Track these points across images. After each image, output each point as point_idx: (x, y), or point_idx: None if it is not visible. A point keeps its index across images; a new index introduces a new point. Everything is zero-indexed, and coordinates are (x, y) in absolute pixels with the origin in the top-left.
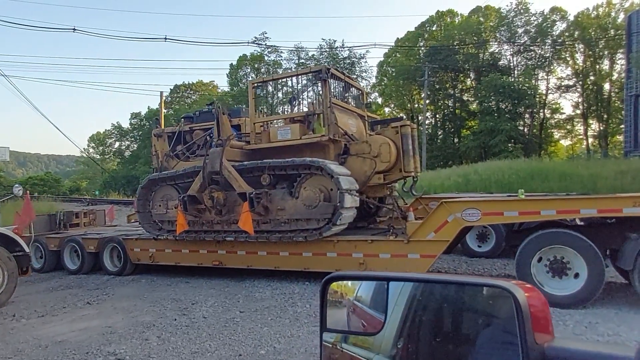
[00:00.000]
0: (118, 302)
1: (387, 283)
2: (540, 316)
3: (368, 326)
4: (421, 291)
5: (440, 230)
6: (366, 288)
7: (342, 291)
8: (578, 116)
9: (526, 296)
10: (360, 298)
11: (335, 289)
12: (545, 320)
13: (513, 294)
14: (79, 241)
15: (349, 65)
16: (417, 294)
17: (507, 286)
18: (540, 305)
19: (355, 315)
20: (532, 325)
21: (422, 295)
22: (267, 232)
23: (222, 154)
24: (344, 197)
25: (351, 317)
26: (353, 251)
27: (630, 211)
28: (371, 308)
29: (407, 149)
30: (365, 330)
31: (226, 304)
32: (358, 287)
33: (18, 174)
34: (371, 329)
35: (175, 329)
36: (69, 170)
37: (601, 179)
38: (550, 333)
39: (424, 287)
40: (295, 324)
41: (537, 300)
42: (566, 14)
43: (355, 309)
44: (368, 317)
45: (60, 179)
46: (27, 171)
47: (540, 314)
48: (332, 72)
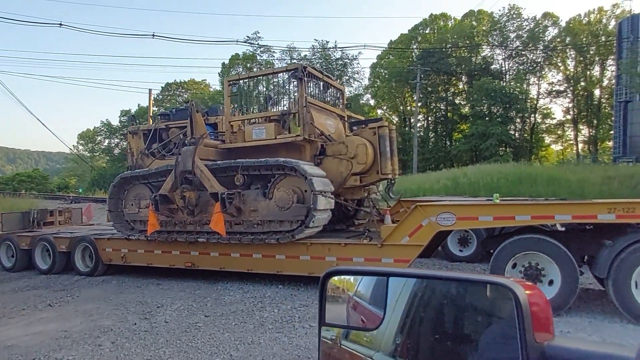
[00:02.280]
0: (81, 304)
1: (387, 278)
2: (540, 315)
3: (367, 321)
4: (421, 287)
5: (414, 234)
6: (366, 283)
7: (342, 286)
8: (568, 121)
9: (527, 294)
10: (360, 293)
11: (336, 284)
12: (546, 319)
13: (514, 292)
14: (50, 240)
15: (342, 66)
16: (417, 290)
17: (508, 284)
18: (541, 304)
19: (354, 311)
20: (533, 324)
21: (422, 292)
22: (239, 234)
23: (195, 153)
24: (317, 198)
25: (350, 312)
26: (326, 254)
27: (604, 217)
28: (371, 304)
29: (385, 150)
30: (364, 326)
31: (193, 308)
32: (358, 282)
33: (7, 170)
34: (370, 324)
35: (133, 334)
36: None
37: (589, 184)
38: (551, 332)
39: (424, 284)
40: (259, 329)
41: (538, 298)
42: (558, 19)
43: (354, 304)
44: (367, 312)
45: (48, 176)
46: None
47: (540, 312)
48: (309, 70)
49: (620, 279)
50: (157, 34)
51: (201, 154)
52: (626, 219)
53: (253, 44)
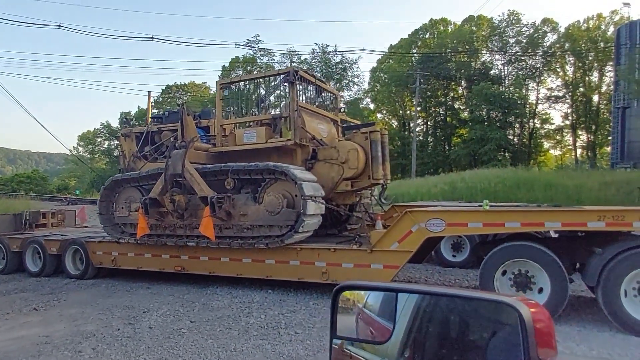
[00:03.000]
0: (67, 308)
1: (396, 294)
2: (544, 332)
3: (376, 334)
4: (429, 303)
5: (404, 240)
6: (374, 297)
7: (353, 299)
8: (567, 127)
9: (531, 312)
10: (368, 306)
11: (347, 297)
12: (549, 336)
13: (518, 310)
14: (41, 242)
15: (341, 70)
16: (425, 306)
17: (512, 302)
18: (544, 321)
19: (363, 323)
20: (536, 341)
21: (428, 307)
22: (229, 238)
23: (185, 156)
24: (307, 203)
25: (360, 324)
26: (316, 260)
27: (594, 225)
28: (379, 316)
29: (376, 155)
30: (373, 338)
31: (179, 313)
32: (367, 296)
33: (8, 171)
34: (379, 337)
35: (115, 340)
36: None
37: (586, 189)
38: (554, 348)
39: (430, 300)
40: (243, 336)
41: (542, 316)
42: (557, 25)
43: (363, 317)
44: (376, 325)
45: (48, 177)
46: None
47: (544, 329)
48: (300, 74)
49: (610, 288)
50: (156, 37)
51: (191, 158)
52: (616, 226)
53: (253, 47)
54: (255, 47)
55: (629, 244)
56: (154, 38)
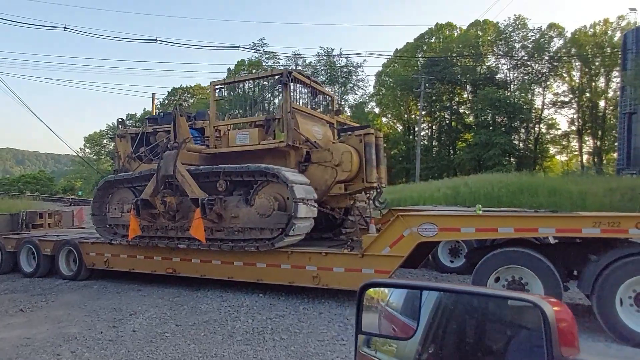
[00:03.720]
0: (54, 310)
1: (420, 292)
2: (566, 330)
3: (398, 331)
4: (451, 300)
5: (395, 244)
6: (397, 296)
7: (376, 297)
8: (573, 132)
9: (554, 310)
10: (391, 304)
11: (371, 295)
12: (572, 335)
13: (541, 308)
14: (35, 243)
15: (346, 74)
16: (447, 303)
17: (535, 300)
18: (567, 320)
19: (386, 320)
20: (559, 339)
21: (452, 305)
22: (220, 241)
23: (177, 157)
24: (298, 206)
25: (382, 322)
26: (307, 264)
27: (589, 232)
28: (402, 314)
29: (370, 158)
30: (395, 335)
31: (166, 316)
32: (390, 294)
33: (16, 171)
34: (402, 334)
35: (96, 344)
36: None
37: (591, 195)
38: (576, 347)
39: (454, 297)
40: (227, 341)
41: (565, 314)
42: (563, 30)
43: (386, 315)
44: (398, 322)
45: (54, 177)
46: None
47: (567, 328)
48: (294, 76)
49: (605, 296)
50: (160, 39)
51: (184, 159)
52: (611, 233)
53: (259, 50)
54: (261, 50)
55: (625, 251)
56: (157, 40)
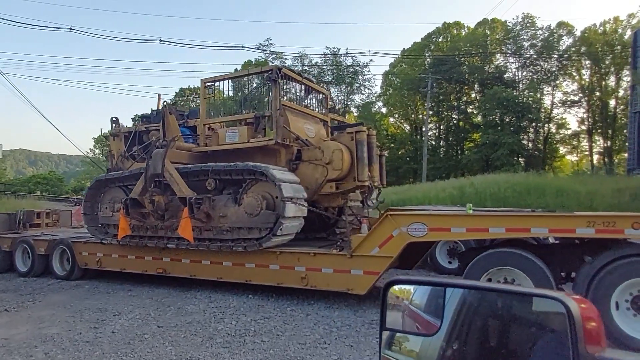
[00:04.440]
0: (39, 310)
1: (444, 289)
2: (592, 327)
3: (422, 329)
4: (475, 298)
5: (385, 245)
6: (420, 293)
7: (400, 295)
8: (583, 132)
9: (579, 307)
10: (414, 302)
11: (395, 293)
12: (597, 332)
13: (566, 305)
14: (30, 242)
15: (352, 73)
16: (471, 300)
17: (560, 297)
18: (592, 317)
19: (409, 319)
20: (584, 336)
21: (476, 302)
22: (208, 240)
23: (165, 156)
24: (286, 205)
25: (406, 320)
26: (296, 264)
27: (583, 232)
28: (425, 312)
29: (362, 156)
30: (419, 332)
31: (149, 317)
32: (413, 292)
33: (29, 172)
34: (425, 331)
35: (72, 345)
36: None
37: (599, 196)
38: (602, 344)
39: (478, 295)
40: (206, 343)
41: (590, 311)
42: (573, 29)
43: (410, 313)
44: (421, 319)
45: (64, 178)
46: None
47: (592, 325)
48: (284, 72)
49: (599, 299)
50: (164, 39)
51: (173, 157)
52: (606, 233)
53: (265, 50)
54: (267, 50)
55: (621, 252)
56: (162, 41)
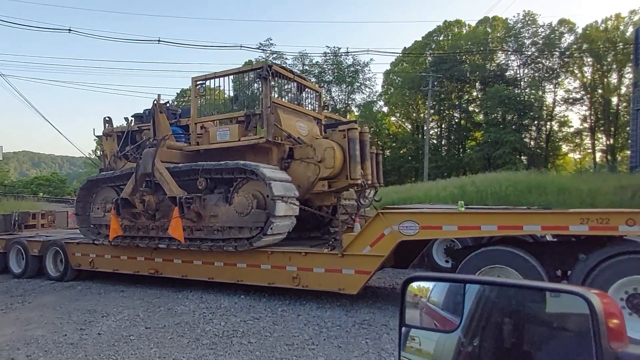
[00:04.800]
0: (27, 311)
1: (464, 285)
2: (614, 323)
3: (440, 325)
4: (496, 294)
5: (376, 244)
6: (438, 291)
7: (418, 292)
8: (586, 130)
9: (601, 303)
10: (432, 300)
11: (413, 291)
12: (620, 327)
13: (588, 300)
14: (24, 244)
15: (353, 73)
16: (491, 296)
17: (582, 292)
18: (615, 312)
19: (427, 316)
20: (607, 332)
21: (497, 298)
22: (199, 240)
23: (155, 155)
24: (277, 204)
25: (424, 317)
26: (287, 264)
27: (577, 229)
28: (443, 310)
29: (354, 154)
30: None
31: (138, 318)
32: (431, 290)
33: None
34: (444, 327)
35: (55, 347)
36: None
37: (601, 194)
38: (625, 340)
39: (499, 290)
40: (192, 345)
41: (612, 307)
42: (574, 26)
43: (428, 310)
44: (439, 316)
45: (66, 179)
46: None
47: (614, 320)
48: (275, 70)
49: None
50: (162, 40)
51: (164, 157)
52: (600, 230)
53: (266, 50)
54: (268, 50)
55: (616, 250)
56: (160, 41)
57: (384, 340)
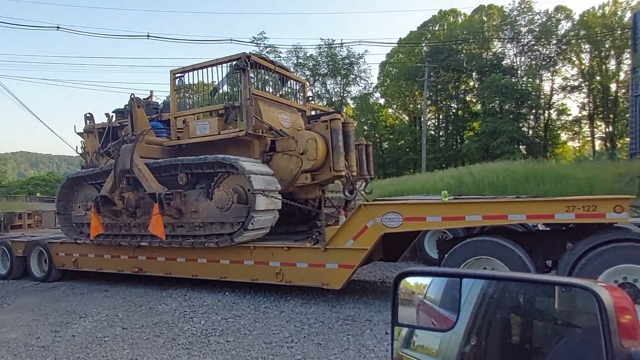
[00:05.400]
0: (5, 314)
1: (460, 280)
2: (626, 319)
3: (437, 324)
4: (495, 289)
5: (359, 236)
6: (435, 287)
7: (412, 288)
8: (584, 117)
9: (611, 297)
10: (429, 297)
11: (406, 285)
12: (633, 324)
13: (597, 295)
14: (8, 244)
15: (348, 65)
16: (490, 292)
17: (589, 286)
18: (627, 308)
19: (424, 313)
20: (618, 329)
21: (495, 293)
22: (181, 237)
23: (133, 150)
24: (257, 198)
25: (420, 315)
26: (270, 259)
27: (562, 217)
28: (441, 307)
29: (337, 145)
30: (434, 327)
31: (116, 318)
32: (428, 284)
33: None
34: (441, 326)
35: (25, 350)
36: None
37: (599, 181)
38: (637, 337)
39: (497, 285)
40: (167, 345)
41: (624, 302)
42: (571, 12)
43: (424, 308)
44: (436, 314)
45: (63, 179)
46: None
47: (626, 316)
48: (254, 60)
49: None
50: (151, 35)
51: (144, 152)
52: (587, 218)
53: (259, 43)
54: (261, 43)
55: (603, 238)
56: (149, 36)
57: (366, 336)
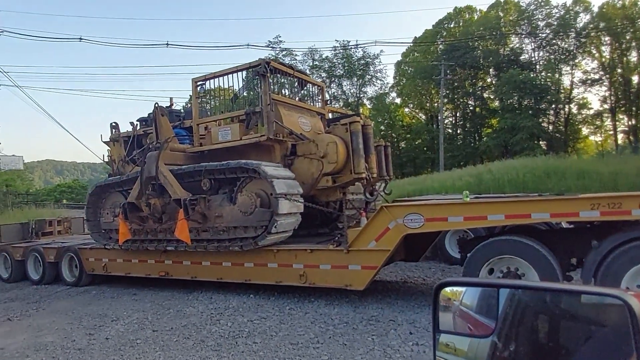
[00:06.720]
0: (41, 318)
1: (497, 290)
2: None
3: (474, 330)
4: (531, 298)
5: (381, 238)
6: (471, 294)
7: (449, 295)
8: (606, 111)
9: None
10: (465, 304)
11: (444, 292)
12: None
13: (628, 303)
14: (40, 251)
15: (364, 65)
16: (526, 301)
17: (620, 295)
18: None
19: (461, 320)
20: None
21: (531, 302)
22: (206, 241)
23: (159, 158)
24: (279, 202)
25: (457, 321)
26: (293, 262)
27: (587, 215)
28: (477, 313)
29: (357, 147)
30: (472, 334)
31: (147, 321)
32: (463, 293)
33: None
34: (478, 332)
35: (63, 352)
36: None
37: (622, 176)
38: None
39: (533, 295)
40: (197, 347)
41: None
42: (590, 5)
43: (461, 314)
44: (473, 320)
45: (88, 185)
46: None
47: None
48: (273, 66)
49: (608, 287)
50: (170, 43)
51: (168, 159)
52: (612, 215)
53: (275, 47)
54: (277, 47)
55: (629, 235)
56: (169, 44)
57: (390, 336)
